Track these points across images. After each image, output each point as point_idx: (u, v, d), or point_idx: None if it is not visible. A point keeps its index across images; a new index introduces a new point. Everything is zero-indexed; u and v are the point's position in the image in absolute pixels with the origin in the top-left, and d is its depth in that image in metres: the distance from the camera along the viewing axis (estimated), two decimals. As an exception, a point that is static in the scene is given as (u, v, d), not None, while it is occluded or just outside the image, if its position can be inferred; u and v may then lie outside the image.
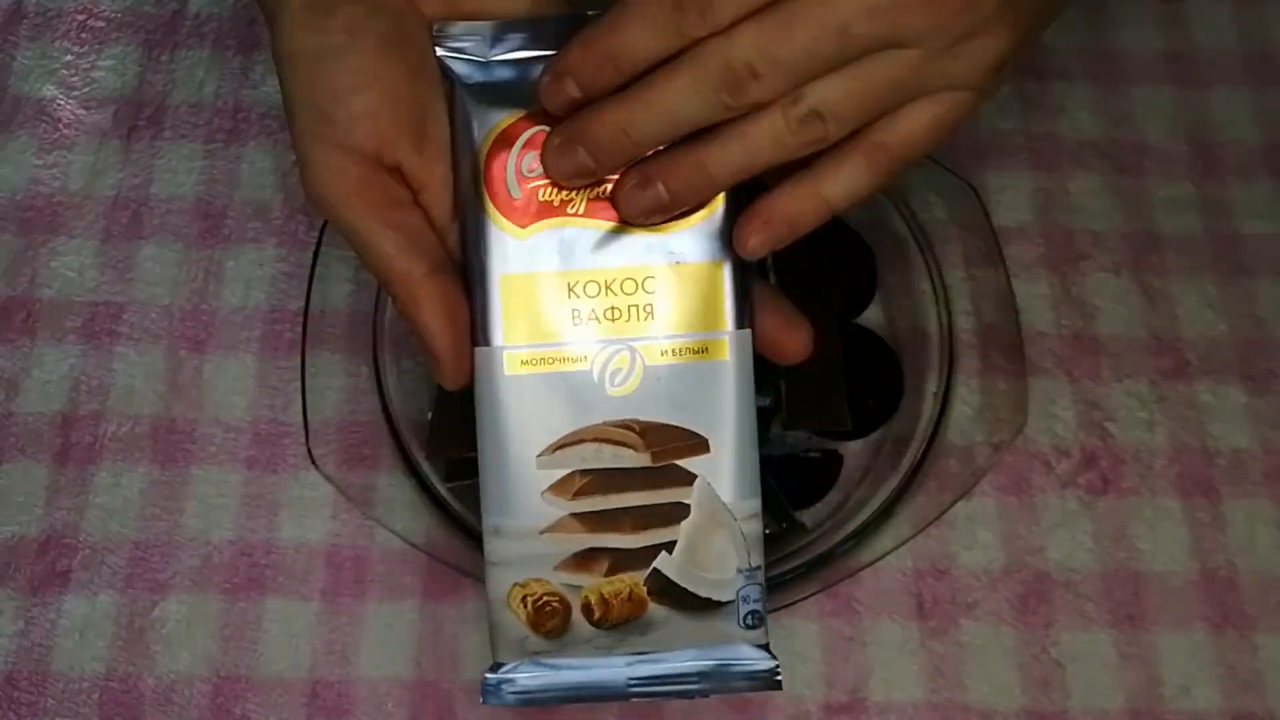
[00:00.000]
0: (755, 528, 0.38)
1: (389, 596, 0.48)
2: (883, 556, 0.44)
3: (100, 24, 0.60)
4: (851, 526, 0.45)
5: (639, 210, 0.37)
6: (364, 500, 0.48)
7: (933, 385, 0.47)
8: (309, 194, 0.37)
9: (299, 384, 0.49)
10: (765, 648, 0.39)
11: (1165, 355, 0.52)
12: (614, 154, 0.36)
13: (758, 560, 0.39)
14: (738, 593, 0.38)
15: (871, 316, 0.52)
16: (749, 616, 0.39)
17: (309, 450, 0.45)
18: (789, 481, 0.48)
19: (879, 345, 0.51)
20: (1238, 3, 0.60)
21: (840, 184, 0.36)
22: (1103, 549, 0.48)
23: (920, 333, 0.50)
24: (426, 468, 0.46)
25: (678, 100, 0.34)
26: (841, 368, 0.49)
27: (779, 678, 0.39)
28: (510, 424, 0.38)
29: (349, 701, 0.46)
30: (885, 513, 0.45)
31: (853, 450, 0.50)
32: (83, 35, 0.59)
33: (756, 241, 0.37)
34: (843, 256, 0.52)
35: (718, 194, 0.37)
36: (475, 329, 0.38)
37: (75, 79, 0.58)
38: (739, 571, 0.38)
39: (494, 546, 0.38)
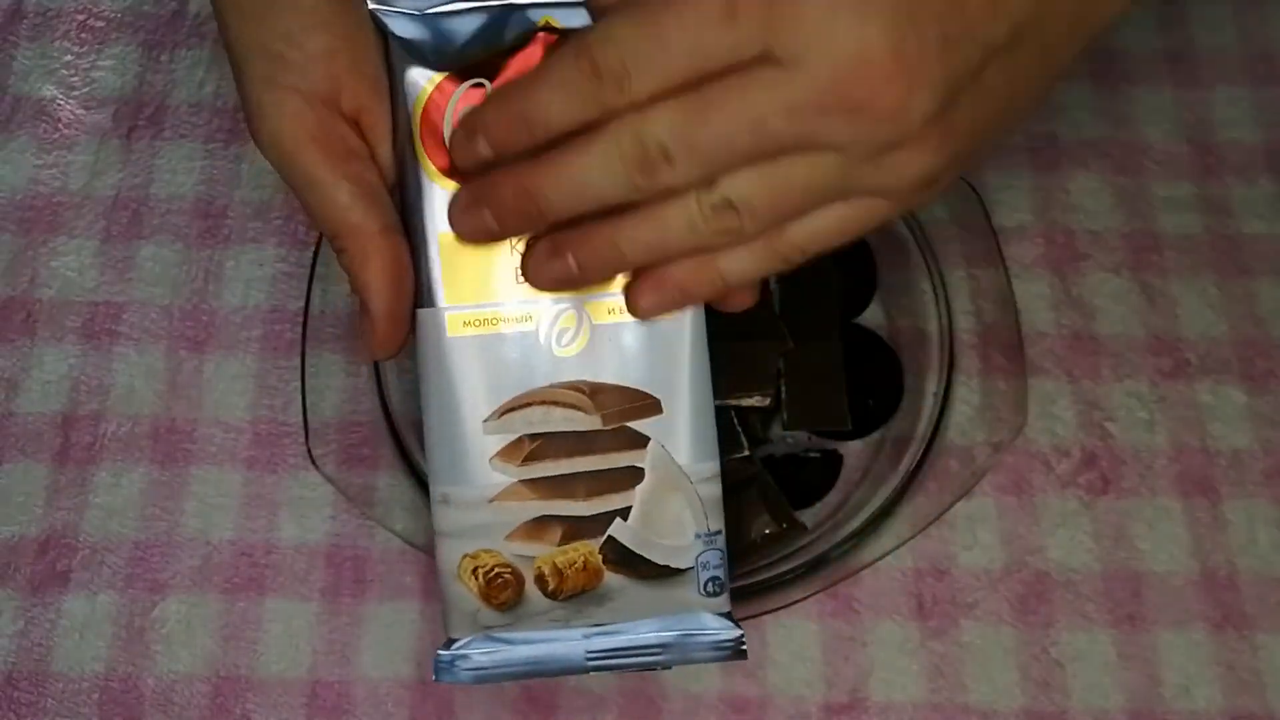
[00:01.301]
0: (713, 490, 0.37)
1: (389, 596, 0.48)
2: (883, 556, 0.44)
3: (100, 24, 0.60)
4: (851, 526, 0.45)
5: (547, 281, 0.36)
6: (364, 500, 0.48)
7: (933, 385, 0.47)
8: (262, 141, 0.36)
9: (299, 384, 0.49)
10: (728, 616, 0.38)
11: (1165, 355, 0.52)
12: (519, 219, 0.35)
13: (717, 525, 0.38)
14: (696, 559, 0.37)
15: (871, 316, 0.52)
16: (709, 583, 0.38)
17: (309, 450, 0.45)
18: (789, 481, 0.48)
19: (879, 345, 0.51)
20: (1238, 3, 0.60)
21: (737, 262, 0.35)
22: (1103, 549, 0.48)
23: (920, 333, 0.49)
24: (427, 468, 0.46)
25: (588, 173, 0.33)
26: (841, 368, 0.49)
27: (744, 647, 0.38)
28: (455, 388, 0.36)
29: (349, 701, 0.46)
30: (885, 513, 0.44)
31: (853, 450, 0.50)
32: (83, 35, 0.59)
33: (648, 303, 0.36)
34: (842, 256, 0.52)
35: (627, 271, 0.36)
36: (418, 291, 0.36)
37: (75, 79, 0.58)
38: (697, 536, 0.37)
39: (442, 516, 0.37)
